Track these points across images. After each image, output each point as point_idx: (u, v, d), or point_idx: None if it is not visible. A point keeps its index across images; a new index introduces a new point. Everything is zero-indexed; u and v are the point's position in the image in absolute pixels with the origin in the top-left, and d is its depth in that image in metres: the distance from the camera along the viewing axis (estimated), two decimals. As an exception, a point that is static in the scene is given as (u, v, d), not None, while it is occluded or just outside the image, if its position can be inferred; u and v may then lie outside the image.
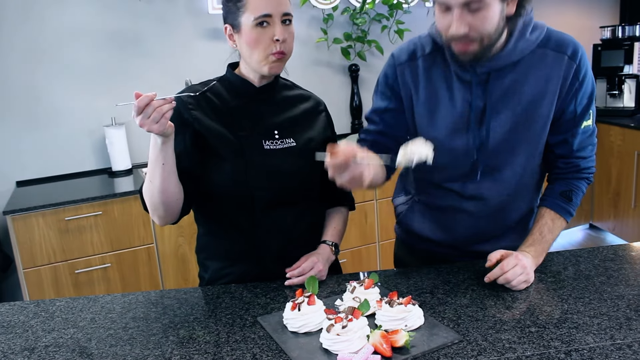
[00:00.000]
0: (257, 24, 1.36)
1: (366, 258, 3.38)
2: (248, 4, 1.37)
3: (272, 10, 1.36)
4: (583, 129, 1.47)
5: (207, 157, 1.44)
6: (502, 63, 1.37)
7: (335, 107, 3.72)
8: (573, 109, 1.42)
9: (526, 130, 1.42)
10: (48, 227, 2.58)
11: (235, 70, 1.52)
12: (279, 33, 1.37)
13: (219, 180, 1.44)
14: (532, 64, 1.39)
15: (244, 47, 1.42)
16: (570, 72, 1.39)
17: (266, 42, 1.38)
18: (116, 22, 3.10)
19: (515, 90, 1.39)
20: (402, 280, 1.45)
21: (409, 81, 1.48)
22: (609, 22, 4.65)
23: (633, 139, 3.77)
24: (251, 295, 1.41)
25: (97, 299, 1.46)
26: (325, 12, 3.55)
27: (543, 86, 1.39)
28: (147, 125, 1.23)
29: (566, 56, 1.39)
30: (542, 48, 1.39)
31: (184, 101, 1.44)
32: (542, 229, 1.47)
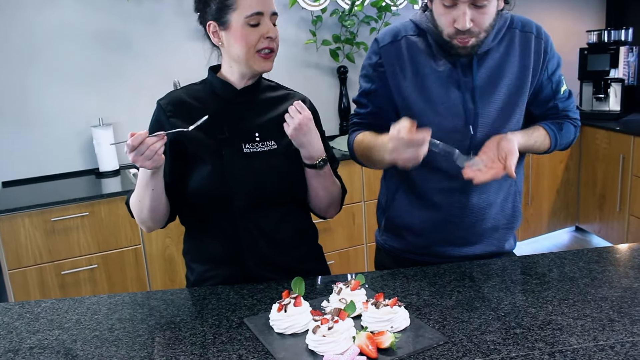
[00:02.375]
0: (248, 22, 1.38)
1: (354, 259, 3.38)
2: (239, 1, 1.37)
3: (263, 8, 1.39)
4: (562, 94, 1.60)
5: (187, 162, 1.45)
6: (483, 49, 1.47)
7: (324, 109, 3.73)
8: (547, 78, 1.56)
9: (514, 102, 1.52)
10: (34, 228, 2.56)
11: (217, 73, 1.52)
12: (271, 30, 1.40)
13: (198, 185, 1.44)
14: (507, 43, 1.51)
15: (232, 45, 1.42)
16: (540, 48, 1.52)
17: (256, 39, 1.39)
18: (104, 23, 3.09)
19: (499, 67, 1.50)
20: (389, 281, 1.46)
21: (394, 60, 1.54)
22: (595, 27, 4.70)
23: (618, 142, 3.80)
24: (238, 297, 1.41)
25: (83, 300, 1.45)
26: (314, 14, 3.55)
27: (521, 62, 1.51)
28: (141, 162, 1.26)
29: (532, 35, 1.53)
30: (511, 29, 1.52)
31: (162, 108, 1.45)
32: (532, 131, 1.55)
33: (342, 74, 3.71)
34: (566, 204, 4.28)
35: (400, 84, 1.54)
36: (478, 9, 1.34)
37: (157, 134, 1.27)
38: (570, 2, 4.62)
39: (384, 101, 1.58)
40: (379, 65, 1.56)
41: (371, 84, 1.59)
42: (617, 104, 4.15)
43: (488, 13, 1.37)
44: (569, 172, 4.21)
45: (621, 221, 3.87)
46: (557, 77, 1.58)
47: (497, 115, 1.51)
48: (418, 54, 1.52)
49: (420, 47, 1.52)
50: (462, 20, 1.34)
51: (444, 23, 1.39)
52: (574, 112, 1.64)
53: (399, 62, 1.53)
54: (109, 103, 3.18)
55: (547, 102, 1.59)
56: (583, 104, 4.31)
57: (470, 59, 1.48)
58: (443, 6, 1.37)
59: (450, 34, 1.40)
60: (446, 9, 1.37)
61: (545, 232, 4.25)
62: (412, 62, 1.52)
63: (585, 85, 4.28)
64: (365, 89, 1.61)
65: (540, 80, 1.55)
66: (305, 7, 3.49)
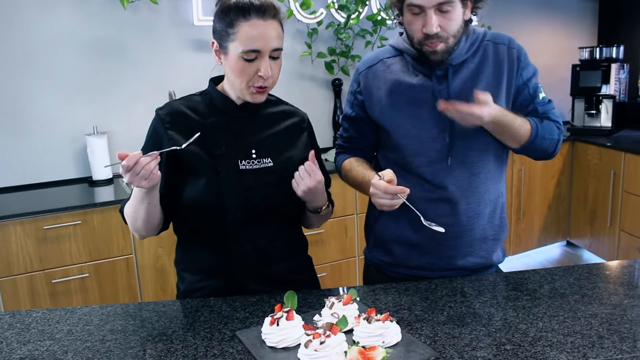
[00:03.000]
0: (243, 57, 1.35)
1: (346, 272, 3.39)
2: (238, 34, 1.35)
3: (261, 46, 1.35)
4: (541, 99, 1.64)
5: (182, 176, 1.46)
6: (456, 60, 1.55)
7: (318, 121, 3.75)
8: (523, 83, 1.61)
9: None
10: (26, 236, 2.55)
11: (218, 86, 1.52)
12: (264, 70, 1.37)
13: (192, 197, 1.45)
14: (481, 55, 1.58)
15: (228, 71, 1.43)
16: (512, 57, 1.58)
17: (250, 74, 1.38)
18: (101, 31, 3.09)
19: (473, 78, 1.56)
20: (381, 296, 1.46)
21: (371, 83, 1.64)
22: (587, 44, 4.75)
23: (610, 158, 3.84)
24: (230, 309, 1.41)
25: (75, 310, 1.45)
26: (310, 27, 3.58)
27: (494, 71, 1.57)
28: (137, 182, 1.27)
29: (505, 45, 1.59)
30: (484, 42, 1.59)
31: (161, 119, 1.45)
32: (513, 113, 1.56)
33: (336, 86, 3.73)
34: (557, 219, 4.30)
35: (377, 104, 1.63)
36: (444, 14, 1.44)
37: (150, 154, 1.27)
38: (563, 19, 4.68)
39: (364, 127, 1.70)
40: (358, 93, 1.68)
41: (352, 111, 1.71)
42: (609, 120, 4.19)
43: (453, 19, 1.46)
44: (560, 187, 4.24)
45: (612, 236, 3.90)
46: (533, 84, 1.62)
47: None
48: (394, 73, 1.61)
49: (396, 67, 1.62)
50: (429, 25, 1.44)
51: (414, 30, 1.49)
52: (555, 116, 1.66)
53: (376, 83, 1.63)
54: (104, 111, 3.18)
55: (525, 107, 1.62)
56: (575, 120, 4.35)
57: (446, 70, 1.55)
58: (412, 14, 1.48)
59: (420, 39, 1.49)
60: (414, 17, 1.47)
61: (536, 246, 4.27)
62: (387, 81, 1.61)
63: (577, 101, 4.32)
64: (347, 113, 1.74)
65: (515, 86, 1.60)
66: (301, 20, 3.51)
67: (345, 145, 1.77)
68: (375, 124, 1.66)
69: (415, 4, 1.44)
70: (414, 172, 1.59)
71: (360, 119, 1.69)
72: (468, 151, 1.57)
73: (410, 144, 1.58)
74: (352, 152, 1.75)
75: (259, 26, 1.34)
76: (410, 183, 1.52)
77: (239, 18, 1.34)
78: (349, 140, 1.76)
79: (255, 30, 1.34)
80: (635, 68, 4.44)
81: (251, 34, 1.34)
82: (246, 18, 1.34)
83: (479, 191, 1.60)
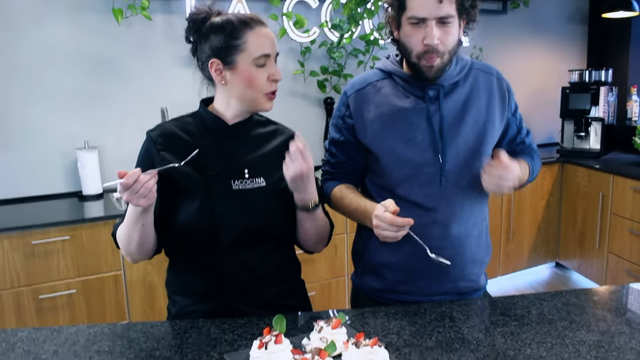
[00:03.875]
0: (256, 64, 1.41)
1: (335, 291, 3.38)
2: (247, 43, 1.41)
3: (271, 50, 1.43)
4: (524, 130, 1.75)
5: (175, 196, 1.45)
6: (447, 82, 1.58)
7: (310, 139, 3.72)
8: (512, 115, 1.68)
9: (482, 135, 1.59)
10: (13, 250, 2.53)
11: (209, 107, 1.53)
12: (277, 73, 1.45)
13: (185, 220, 1.44)
14: (472, 81, 1.61)
15: (238, 85, 1.44)
16: (503, 88, 1.64)
17: (263, 81, 1.43)
18: (94, 45, 3.10)
19: (465, 102, 1.59)
20: (370, 320, 1.46)
21: (361, 106, 1.63)
22: (577, 66, 4.82)
23: (598, 180, 3.87)
24: (218, 332, 1.40)
25: (61, 330, 1.43)
26: (303, 45, 3.60)
27: (486, 99, 1.61)
28: (135, 200, 1.27)
29: (493, 76, 1.65)
30: (473, 70, 1.64)
31: (153, 140, 1.46)
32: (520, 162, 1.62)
33: (329, 105, 3.75)
34: (547, 240, 4.32)
35: (368, 128, 1.61)
36: (444, 27, 1.46)
37: (149, 172, 1.28)
38: (554, 42, 4.74)
39: (353, 151, 1.67)
40: (347, 117, 1.66)
41: (340, 135, 1.68)
42: (597, 143, 4.23)
43: (452, 33, 1.48)
44: (549, 208, 4.26)
45: (600, 258, 3.92)
46: (519, 115, 1.72)
47: (467, 147, 1.57)
48: (385, 96, 1.61)
49: (386, 90, 1.62)
50: (430, 36, 1.45)
51: (414, 42, 1.49)
52: (536, 146, 1.80)
53: (366, 107, 1.62)
54: (96, 126, 3.18)
55: (514, 138, 1.72)
56: (565, 142, 4.39)
57: (438, 91, 1.57)
58: (412, 26, 1.48)
59: (419, 52, 1.49)
60: (415, 28, 1.48)
61: (525, 267, 4.28)
62: (378, 104, 1.61)
63: (566, 123, 4.36)
64: (334, 138, 1.70)
65: (507, 118, 1.66)
66: (294, 38, 3.54)
67: (333, 171, 1.73)
68: (365, 149, 1.65)
69: (419, 17, 1.45)
70: (403, 197, 1.58)
71: (349, 144, 1.67)
72: (460, 174, 1.58)
73: (402, 168, 1.58)
74: (341, 178, 1.72)
75: (264, 33, 1.44)
76: (401, 207, 1.51)
77: (244, 29, 1.41)
78: (337, 165, 1.72)
79: (262, 36, 1.43)
80: (623, 91, 4.50)
81: (260, 40, 1.42)
82: (251, 28, 1.42)
83: (469, 214, 1.61)
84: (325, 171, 1.76)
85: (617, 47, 4.65)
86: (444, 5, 1.43)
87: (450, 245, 1.59)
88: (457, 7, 1.46)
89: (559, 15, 4.75)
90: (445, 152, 1.56)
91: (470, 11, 1.51)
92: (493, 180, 1.47)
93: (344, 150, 1.69)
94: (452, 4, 1.45)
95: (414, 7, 1.46)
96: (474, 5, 1.50)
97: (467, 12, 1.50)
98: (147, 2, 3.00)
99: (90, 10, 3.06)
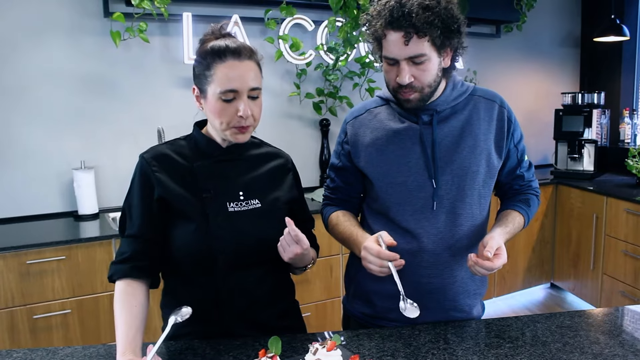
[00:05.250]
0: (221, 98, 1.38)
1: (330, 312, 3.37)
2: (215, 75, 1.37)
3: (238, 86, 1.37)
4: (525, 163, 1.72)
5: (170, 219, 1.45)
6: (442, 107, 1.58)
7: (305, 160, 3.79)
8: (514, 146, 1.66)
9: (477, 163, 1.58)
10: (8, 270, 2.52)
11: (202, 129, 1.54)
12: (242, 110, 1.38)
13: (181, 242, 1.44)
14: (471, 108, 1.61)
15: (209, 114, 1.45)
16: (503, 116, 1.62)
17: (230, 115, 1.39)
18: (92, 67, 3.13)
19: (463, 128, 1.58)
20: (365, 341, 1.47)
21: (357, 131, 1.67)
22: (570, 89, 4.88)
23: (592, 202, 3.90)
24: (214, 352, 1.40)
25: (57, 351, 1.43)
26: (299, 67, 3.64)
27: (486, 128, 1.60)
28: None
29: (496, 104, 1.63)
30: (474, 96, 1.63)
31: (147, 162, 1.46)
32: (507, 222, 1.62)
33: (324, 126, 3.78)
34: (541, 261, 4.33)
35: (363, 152, 1.64)
36: (417, 65, 1.47)
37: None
38: (547, 65, 4.81)
39: (350, 177, 1.71)
40: (345, 143, 1.70)
41: (339, 161, 1.73)
42: (591, 164, 4.27)
43: (427, 69, 1.48)
44: (544, 230, 4.28)
45: (595, 280, 3.93)
46: (522, 146, 1.69)
47: (462, 174, 1.56)
48: (380, 121, 1.64)
49: (383, 115, 1.65)
50: (402, 76, 1.48)
51: (389, 79, 1.54)
52: (536, 182, 1.77)
53: (362, 131, 1.65)
54: (92, 146, 3.19)
55: (513, 171, 1.70)
56: (558, 163, 4.43)
57: (432, 116, 1.57)
58: (387, 64, 1.52)
59: (395, 87, 1.53)
60: (390, 67, 1.52)
61: (520, 288, 4.29)
62: (373, 129, 1.64)
63: (560, 145, 4.40)
64: (333, 163, 1.76)
65: (508, 148, 1.64)
66: (290, 61, 3.57)
67: (332, 196, 1.76)
68: (362, 174, 1.66)
69: (389, 57, 1.49)
70: (396, 222, 1.58)
71: (346, 169, 1.70)
72: (454, 201, 1.57)
73: (395, 193, 1.58)
74: (339, 204, 1.75)
75: (235, 67, 1.38)
76: (394, 233, 1.52)
77: (215, 60, 1.38)
78: (336, 191, 1.75)
79: (232, 70, 1.37)
80: (616, 114, 4.55)
81: (227, 75, 1.37)
82: (222, 59, 1.37)
83: (461, 243, 1.59)
84: (325, 196, 1.80)
85: (609, 71, 4.72)
86: (411, 46, 1.44)
87: (440, 273, 1.59)
88: (431, 43, 1.45)
89: (551, 39, 4.82)
90: (438, 178, 1.56)
91: (449, 43, 1.49)
92: (480, 271, 1.46)
93: (342, 175, 1.72)
94: (422, 43, 1.44)
95: (386, 48, 1.50)
96: (451, 38, 1.48)
97: (445, 46, 1.49)
98: (144, 24, 3.04)
99: (89, 32, 3.10)
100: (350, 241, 1.62)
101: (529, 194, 1.73)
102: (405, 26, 1.43)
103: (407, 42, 1.44)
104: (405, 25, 1.43)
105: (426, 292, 1.59)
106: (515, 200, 1.71)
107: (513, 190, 1.74)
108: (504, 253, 1.46)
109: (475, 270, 1.45)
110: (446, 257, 1.58)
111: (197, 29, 3.27)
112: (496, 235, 1.51)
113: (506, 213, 1.67)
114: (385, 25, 1.46)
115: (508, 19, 4.33)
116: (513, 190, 1.74)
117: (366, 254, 1.44)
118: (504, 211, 1.69)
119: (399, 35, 1.44)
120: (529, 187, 1.74)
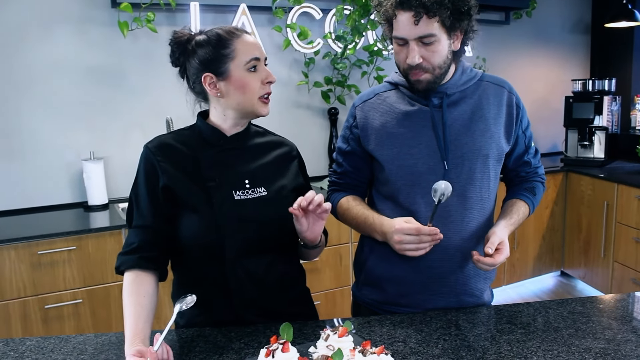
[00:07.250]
0: (248, 68, 1.43)
1: (340, 300, 3.38)
2: (236, 50, 1.43)
3: (259, 53, 1.46)
4: (532, 149, 1.74)
5: (177, 209, 1.45)
6: (452, 90, 1.59)
7: (314, 149, 3.78)
8: (522, 132, 1.68)
9: (487, 147, 1.59)
10: (20, 261, 2.54)
11: (206, 119, 1.54)
12: (270, 75, 1.48)
13: (188, 232, 1.44)
14: (480, 93, 1.62)
15: (233, 93, 1.45)
16: (512, 103, 1.64)
17: (257, 85, 1.45)
18: (100, 58, 3.14)
19: (472, 112, 1.59)
20: (376, 328, 1.47)
21: (367, 115, 1.67)
22: (580, 76, 4.84)
23: (603, 189, 3.87)
24: (225, 340, 1.41)
25: (69, 339, 1.44)
26: (307, 56, 3.63)
27: (496, 113, 1.61)
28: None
29: (505, 90, 1.65)
30: (483, 81, 1.65)
31: (152, 152, 1.46)
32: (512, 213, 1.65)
33: (332, 115, 3.77)
34: (551, 249, 4.32)
35: (372, 135, 1.64)
36: (427, 46, 1.48)
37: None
38: (557, 52, 4.77)
39: (359, 161, 1.71)
40: (354, 127, 1.70)
41: (347, 145, 1.72)
42: (602, 152, 4.24)
43: (437, 51, 1.49)
44: (554, 217, 4.26)
45: (605, 267, 3.91)
46: (529, 133, 1.71)
47: (473, 158, 1.57)
48: (390, 105, 1.64)
49: (392, 99, 1.65)
50: (411, 56, 1.49)
51: (399, 60, 1.55)
52: (541, 168, 1.79)
53: (371, 115, 1.66)
54: (101, 137, 3.20)
55: (521, 157, 1.71)
56: (569, 151, 4.40)
57: (442, 99, 1.58)
58: (397, 45, 1.53)
59: (405, 68, 1.54)
60: (400, 47, 1.53)
61: (530, 276, 4.28)
62: (383, 112, 1.64)
63: (570, 132, 4.37)
64: (341, 147, 1.74)
65: (516, 134, 1.66)
66: (298, 50, 3.56)
67: (340, 181, 1.75)
68: (371, 157, 1.66)
69: (398, 37, 1.50)
70: (406, 206, 1.58)
71: (355, 153, 1.69)
72: (464, 184, 1.57)
73: (405, 175, 1.58)
74: (347, 189, 1.74)
75: (249, 39, 1.47)
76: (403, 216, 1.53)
77: (232, 37, 1.44)
78: (343, 175, 1.74)
79: (249, 42, 1.46)
80: (627, 100, 4.51)
81: (248, 45, 1.45)
82: (237, 35, 1.45)
83: (472, 226, 1.59)
84: (332, 182, 1.79)
85: (620, 57, 4.67)
86: (421, 26, 1.45)
87: (450, 257, 1.59)
88: (440, 24, 1.46)
89: (561, 25, 4.78)
90: (449, 161, 1.56)
91: (459, 25, 1.50)
92: (483, 267, 1.50)
93: (350, 160, 1.71)
94: (432, 24, 1.45)
95: (396, 28, 1.51)
96: (461, 20, 1.49)
97: (455, 28, 1.50)
98: (152, 14, 3.03)
99: (97, 23, 3.10)
100: (367, 225, 1.61)
101: (534, 181, 1.75)
102: (415, 6, 1.44)
103: (417, 22, 1.45)
104: (415, 5, 1.43)
105: (438, 276, 1.59)
106: (522, 189, 1.73)
107: (520, 177, 1.75)
108: (506, 248, 1.50)
109: (479, 266, 1.50)
110: (457, 240, 1.58)
111: (204, 18, 3.26)
112: (498, 231, 1.54)
113: (512, 203, 1.69)
114: (396, 5, 1.47)
115: (517, 5, 4.30)
116: (520, 177, 1.75)
117: (401, 236, 1.46)
118: (510, 200, 1.71)
119: (409, 15, 1.45)
120: (535, 174, 1.76)
